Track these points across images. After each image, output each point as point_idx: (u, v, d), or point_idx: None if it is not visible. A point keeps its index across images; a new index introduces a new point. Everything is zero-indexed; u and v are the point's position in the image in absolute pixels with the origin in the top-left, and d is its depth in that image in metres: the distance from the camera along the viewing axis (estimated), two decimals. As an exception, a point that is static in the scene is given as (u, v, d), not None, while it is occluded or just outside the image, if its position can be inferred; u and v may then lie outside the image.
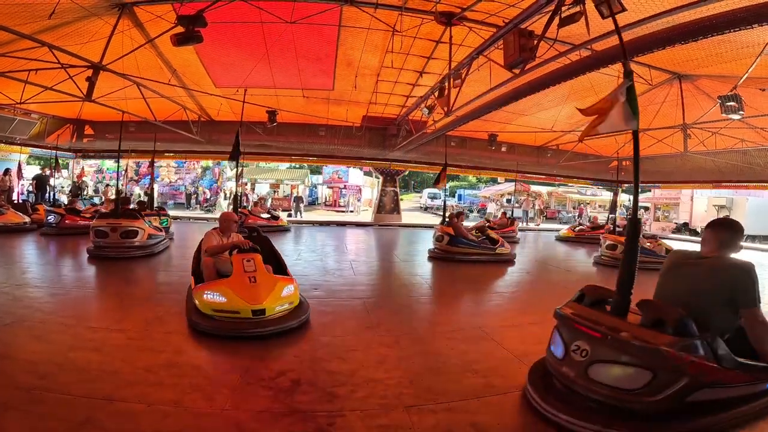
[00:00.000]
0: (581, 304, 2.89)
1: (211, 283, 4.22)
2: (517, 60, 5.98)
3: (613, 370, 2.45)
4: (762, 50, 6.83)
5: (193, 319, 3.95)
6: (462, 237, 9.26)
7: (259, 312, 3.94)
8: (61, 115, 15.27)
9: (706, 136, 12.58)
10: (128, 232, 7.97)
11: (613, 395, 2.42)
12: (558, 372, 2.72)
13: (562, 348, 2.72)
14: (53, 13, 6.97)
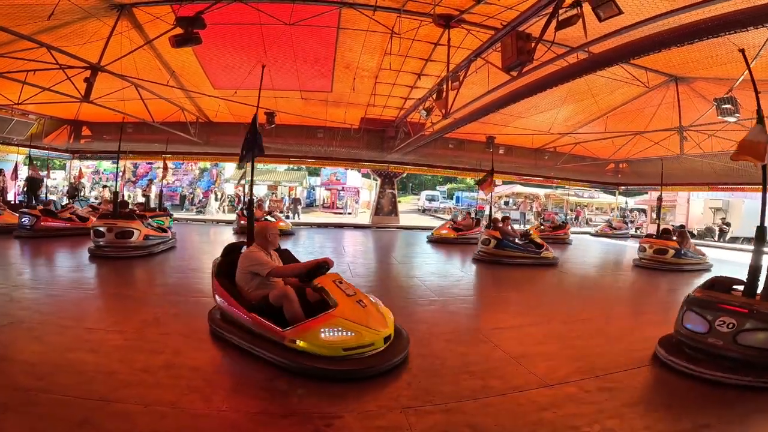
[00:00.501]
0: (712, 290, 3.75)
1: (323, 317, 3.31)
2: (514, 63, 6.01)
3: (758, 336, 3.27)
4: (758, 52, 6.88)
5: (319, 366, 3.12)
6: (509, 240, 9.52)
7: (387, 339, 3.46)
8: (59, 115, 15.24)
9: (702, 139, 12.63)
10: (124, 232, 7.99)
11: (759, 354, 3.23)
12: (703, 343, 3.47)
13: (705, 324, 3.51)
14: (52, 14, 6.98)
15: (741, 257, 13.45)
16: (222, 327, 3.80)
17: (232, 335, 3.64)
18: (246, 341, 3.49)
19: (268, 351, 3.29)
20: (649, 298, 7.01)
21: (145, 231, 8.46)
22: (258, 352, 3.35)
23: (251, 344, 3.43)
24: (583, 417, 2.70)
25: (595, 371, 3.42)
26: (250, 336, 3.51)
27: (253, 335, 3.50)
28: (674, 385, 3.28)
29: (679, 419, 2.74)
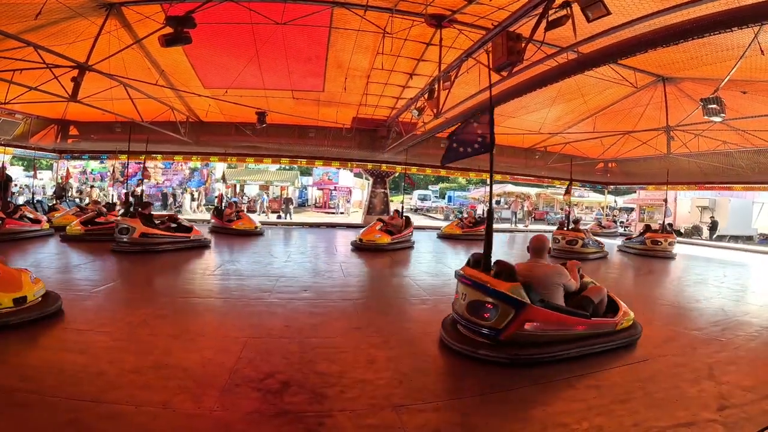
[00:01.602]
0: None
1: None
2: (504, 63, 6.05)
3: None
4: (743, 53, 6.99)
5: None
6: (589, 240, 11.51)
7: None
8: (46, 115, 15.03)
9: (689, 138, 12.81)
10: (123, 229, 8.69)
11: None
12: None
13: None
14: (39, 13, 6.88)
15: (725, 255, 13.66)
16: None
17: None
18: None
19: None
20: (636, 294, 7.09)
21: (142, 229, 8.76)
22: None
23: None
24: (572, 414, 2.73)
25: (583, 369, 3.46)
26: None
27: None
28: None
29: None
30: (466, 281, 3.87)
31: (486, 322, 3.58)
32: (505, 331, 3.50)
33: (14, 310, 3.88)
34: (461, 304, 3.85)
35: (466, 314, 3.76)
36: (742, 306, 6.16)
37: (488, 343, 3.56)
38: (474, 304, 3.71)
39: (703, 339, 4.46)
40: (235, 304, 5.15)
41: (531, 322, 3.50)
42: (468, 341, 3.68)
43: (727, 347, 4.20)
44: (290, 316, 4.70)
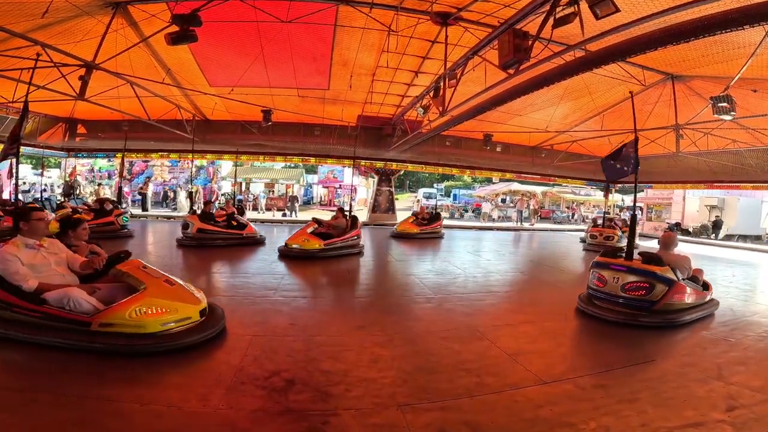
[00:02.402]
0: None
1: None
2: (511, 60, 6.01)
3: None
4: (754, 51, 6.90)
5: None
6: (623, 236, 12.17)
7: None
8: (54, 114, 15.15)
9: (698, 137, 12.68)
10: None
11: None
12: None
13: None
14: (46, 12, 6.92)
15: (733, 254, 13.53)
16: None
17: None
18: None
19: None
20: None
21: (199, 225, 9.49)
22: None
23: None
24: (578, 414, 2.71)
25: (590, 368, 3.44)
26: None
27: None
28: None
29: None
30: (621, 268, 4.96)
31: (644, 296, 4.70)
32: (658, 303, 4.66)
33: (200, 323, 3.70)
34: (614, 286, 4.92)
35: (620, 292, 4.85)
36: (751, 306, 6.09)
37: (642, 313, 4.68)
38: (631, 284, 4.79)
39: (711, 339, 4.42)
40: (240, 302, 5.16)
41: (677, 294, 4.73)
42: (609, 312, 4.84)
43: (736, 347, 4.15)
44: (295, 314, 4.70)
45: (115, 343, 3.29)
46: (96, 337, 3.32)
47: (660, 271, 4.77)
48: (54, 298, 3.40)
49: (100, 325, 3.34)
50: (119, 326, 3.36)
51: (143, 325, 3.41)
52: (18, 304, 3.41)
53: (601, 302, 5.05)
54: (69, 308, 3.36)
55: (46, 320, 3.37)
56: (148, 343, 3.36)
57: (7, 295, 3.42)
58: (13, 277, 3.42)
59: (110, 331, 3.34)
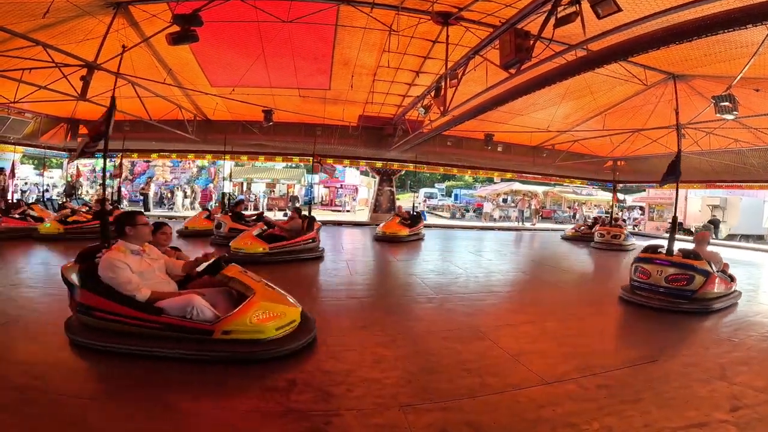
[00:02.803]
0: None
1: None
2: (512, 60, 5.99)
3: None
4: (756, 50, 6.87)
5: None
6: (628, 235, 13.50)
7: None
8: (55, 114, 15.16)
9: (700, 136, 12.64)
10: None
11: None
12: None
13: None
14: (47, 12, 6.93)
15: (735, 254, 13.49)
16: None
17: None
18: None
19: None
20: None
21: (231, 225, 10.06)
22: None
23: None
24: (581, 414, 2.70)
25: (593, 369, 3.43)
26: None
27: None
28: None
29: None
30: (664, 262, 5.75)
31: (685, 286, 5.49)
32: (697, 292, 5.44)
33: (299, 326, 3.69)
34: (657, 277, 5.71)
35: (663, 283, 5.66)
36: (754, 306, 6.07)
37: (684, 301, 5.47)
38: (674, 276, 5.58)
39: (714, 339, 4.41)
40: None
41: (712, 284, 5.50)
42: (653, 300, 5.62)
43: (739, 347, 4.14)
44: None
45: (236, 351, 3.27)
46: (218, 345, 3.27)
47: (698, 264, 5.54)
48: (175, 307, 3.29)
49: (222, 333, 3.29)
50: (239, 333, 3.32)
51: (262, 330, 3.38)
52: (132, 315, 3.25)
53: (644, 292, 5.81)
54: (191, 317, 3.27)
55: (164, 331, 3.25)
56: (262, 349, 3.34)
57: (119, 306, 3.25)
58: (126, 287, 3.27)
59: (230, 339, 3.30)
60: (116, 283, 3.26)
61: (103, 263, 3.29)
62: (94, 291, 3.28)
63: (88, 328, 3.33)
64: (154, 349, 3.20)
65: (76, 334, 3.33)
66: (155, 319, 3.24)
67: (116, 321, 3.26)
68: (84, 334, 3.31)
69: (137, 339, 3.23)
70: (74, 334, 3.34)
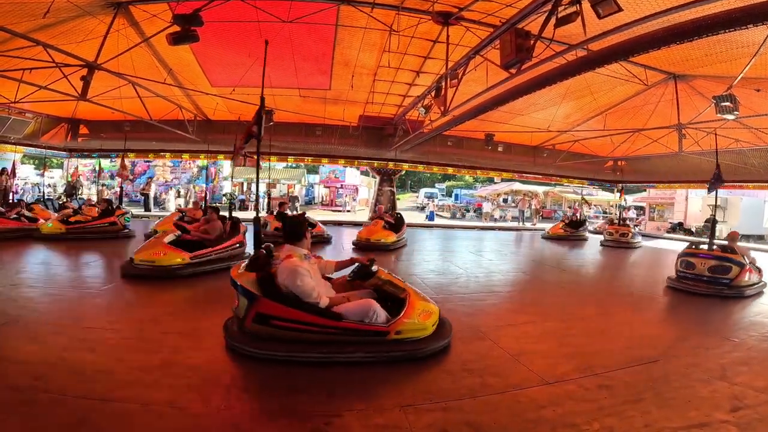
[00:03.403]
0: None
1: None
2: (513, 60, 6.00)
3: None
4: (757, 50, 6.87)
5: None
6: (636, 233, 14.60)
7: None
8: (56, 114, 15.18)
9: (701, 136, 12.64)
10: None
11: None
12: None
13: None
14: (48, 12, 6.93)
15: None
16: None
17: None
18: None
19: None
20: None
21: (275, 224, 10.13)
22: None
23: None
24: (582, 415, 2.70)
25: (594, 369, 3.43)
26: None
27: None
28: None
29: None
30: (708, 256, 6.86)
31: (724, 276, 6.57)
32: (734, 280, 6.51)
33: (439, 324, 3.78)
34: (701, 269, 6.76)
35: (707, 273, 6.70)
36: (755, 306, 6.06)
37: (724, 288, 6.52)
38: (716, 267, 6.66)
39: (715, 339, 4.40)
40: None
41: (746, 274, 6.57)
42: (698, 287, 6.66)
43: (740, 348, 4.14)
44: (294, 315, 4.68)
45: (406, 349, 3.43)
46: (392, 345, 3.41)
47: (735, 257, 6.65)
48: (355, 312, 3.36)
49: (395, 333, 3.42)
50: (407, 332, 3.48)
51: (425, 328, 3.57)
52: (315, 322, 3.27)
53: (689, 281, 6.85)
54: (369, 321, 3.36)
55: (343, 335, 3.32)
56: (425, 345, 3.52)
57: (303, 314, 3.27)
58: (312, 294, 3.28)
59: (401, 339, 3.45)
60: (302, 291, 3.26)
61: (287, 271, 3.27)
62: (275, 299, 3.29)
63: (257, 338, 3.32)
64: (336, 355, 3.25)
65: (245, 344, 3.32)
66: (336, 325, 3.30)
67: (296, 329, 3.28)
68: (255, 344, 3.29)
69: (319, 346, 3.27)
70: (243, 343, 3.33)
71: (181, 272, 6.22)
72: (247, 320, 3.33)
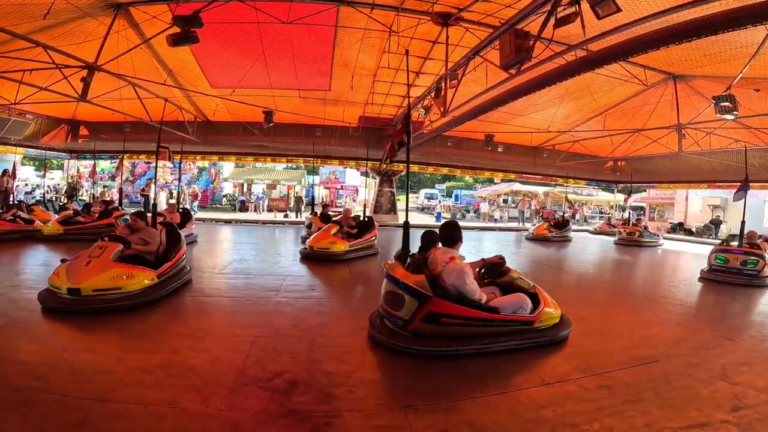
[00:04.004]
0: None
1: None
2: (512, 61, 6.00)
3: None
4: (756, 50, 6.88)
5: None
6: (644, 232, 15.81)
7: None
8: (56, 115, 15.19)
9: (700, 136, 12.64)
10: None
11: None
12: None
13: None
14: (48, 14, 6.93)
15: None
16: None
17: None
18: None
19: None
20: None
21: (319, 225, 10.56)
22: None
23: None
24: (582, 415, 2.70)
25: (594, 369, 3.43)
26: None
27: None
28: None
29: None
30: (739, 252, 7.94)
31: (755, 268, 7.63)
32: (761, 272, 7.57)
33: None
34: (735, 263, 7.82)
35: (739, 266, 7.76)
36: (755, 306, 6.07)
37: (753, 278, 7.57)
38: (745, 260, 7.75)
39: (715, 339, 4.40)
40: (243, 303, 5.16)
41: (766, 266, 7.59)
42: (731, 278, 7.70)
43: (740, 347, 4.14)
44: (298, 315, 4.70)
45: (546, 336, 3.91)
46: (535, 333, 3.86)
47: (762, 252, 7.86)
48: (509, 305, 3.80)
49: (538, 322, 3.87)
50: (545, 321, 3.95)
51: (556, 316, 4.07)
52: (479, 317, 3.61)
53: (722, 273, 7.90)
54: (522, 312, 3.81)
55: (501, 326, 3.70)
56: (558, 332, 4.00)
57: (471, 311, 3.59)
58: (477, 291, 3.65)
59: (541, 327, 3.91)
60: (470, 290, 3.59)
61: (456, 272, 3.58)
62: (446, 299, 3.54)
63: (422, 336, 3.54)
64: (493, 345, 3.63)
65: (410, 344, 3.53)
66: (495, 318, 3.68)
67: (464, 324, 3.58)
68: (420, 342, 3.52)
69: (482, 338, 3.62)
70: (408, 343, 3.54)
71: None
72: (416, 320, 3.52)
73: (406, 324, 3.56)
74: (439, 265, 3.70)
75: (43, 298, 4.36)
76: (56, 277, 4.46)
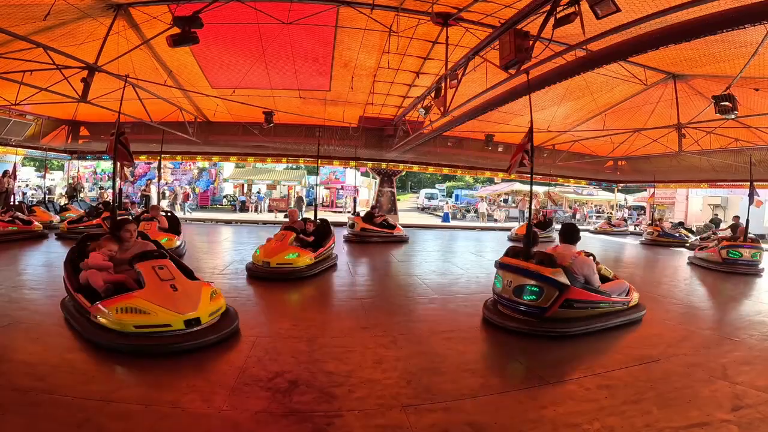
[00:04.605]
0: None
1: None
2: (512, 61, 5.99)
3: None
4: (756, 50, 6.87)
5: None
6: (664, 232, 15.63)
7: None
8: (56, 116, 15.20)
9: (700, 136, 12.64)
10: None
11: None
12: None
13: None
14: (48, 15, 6.94)
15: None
16: None
17: None
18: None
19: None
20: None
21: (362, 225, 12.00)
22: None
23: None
24: (583, 415, 2.70)
25: (594, 368, 3.43)
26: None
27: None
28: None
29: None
30: (751, 246, 9.07)
31: (756, 260, 8.91)
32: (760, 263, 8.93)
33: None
34: (748, 256, 8.93)
35: (750, 258, 8.89)
36: (756, 305, 6.07)
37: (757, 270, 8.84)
38: (755, 254, 8.94)
39: (716, 338, 4.40)
40: (244, 303, 5.17)
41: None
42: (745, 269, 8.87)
43: (741, 347, 4.14)
44: (298, 315, 4.70)
45: (634, 315, 4.74)
46: (630, 312, 4.73)
47: (761, 245, 9.19)
48: (616, 289, 4.71)
49: (631, 302, 4.79)
50: (632, 302, 4.85)
51: (636, 299, 4.89)
52: (601, 301, 4.43)
53: (733, 265, 8.93)
54: (622, 294, 4.74)
55: (610, 308, 4.51)
56: (640, 311, 4.83)
57: (597, 296, 4.40)
58: (598, 280, 4.52)
59: (631, 307, 4.79)
60: (595, 279, 4.43)
61: (586, 265, 4.39)
62: (579, 287, 4.23)
63: (555, 320, 4.20)
64: (606, 323, 4.39)
65: (549, 328, 4.18)
66: (607, 300, 4.47)
67: (589, 308, 4.34)
68: (558, 325, 4.20)
69: (595, 319, 4.35)
70: (547, 328, 4.17)
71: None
72: (555, 306, 4.12)
73: (543, 311, 4.14)
74: (567, 258, 4.35)
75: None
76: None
